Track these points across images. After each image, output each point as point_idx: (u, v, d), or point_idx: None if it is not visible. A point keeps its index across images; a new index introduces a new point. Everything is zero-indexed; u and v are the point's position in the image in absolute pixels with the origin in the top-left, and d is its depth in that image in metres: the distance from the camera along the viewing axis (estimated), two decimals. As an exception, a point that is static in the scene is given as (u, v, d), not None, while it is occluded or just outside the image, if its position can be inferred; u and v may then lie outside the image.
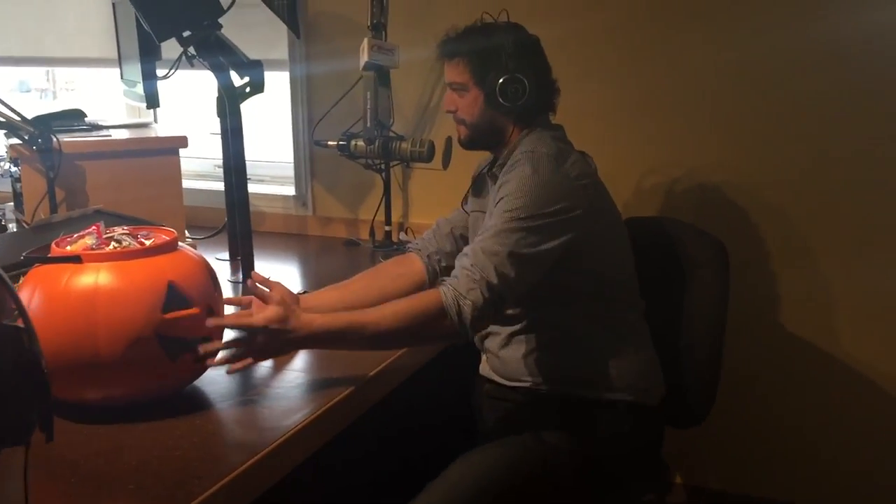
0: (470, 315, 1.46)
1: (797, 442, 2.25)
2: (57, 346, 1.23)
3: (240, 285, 2.14)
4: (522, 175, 1.57)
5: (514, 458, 1.61)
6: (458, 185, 2.01)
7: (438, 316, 1.46)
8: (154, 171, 2.27)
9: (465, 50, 1.69)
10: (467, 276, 1.49)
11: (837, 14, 2.03)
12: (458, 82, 1.71)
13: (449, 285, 1.49)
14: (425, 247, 1.91)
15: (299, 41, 2.58)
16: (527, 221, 1.53)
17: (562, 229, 1.56)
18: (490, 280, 1.48)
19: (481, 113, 1.70)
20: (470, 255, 1.53)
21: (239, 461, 1.19)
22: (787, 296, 2.19)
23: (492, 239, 1.52)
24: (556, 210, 1.55)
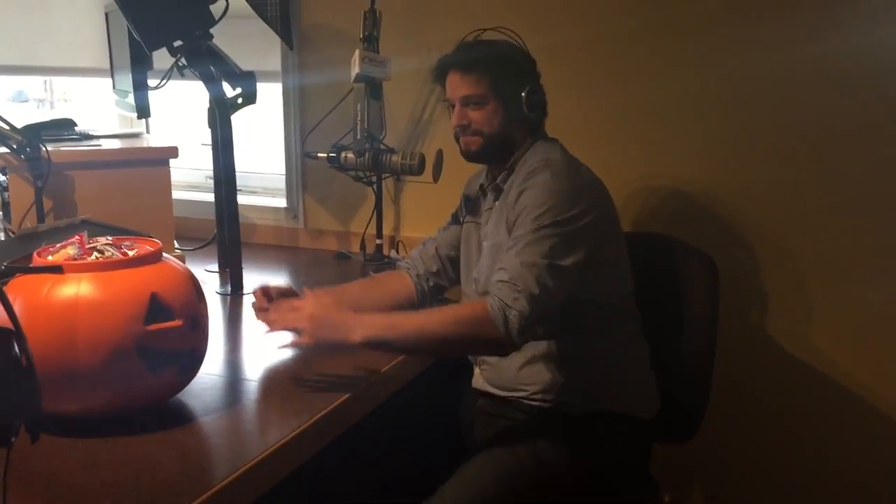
0: (517, 325, 1.47)
1: (787, 460, 2.23)
2: (36, 357, 1.18)
3: (228, 297, 2.12)
4: (544, 181, 1.59)
5: (510, 473, 1.60)
6: (449, 199, 2.00)
7: (484, 325, 1.47)
8: (144, 182, 2.25)
9: (483, 62, 1.69)
10: (510, 287, 1.49)
11: (828, 31, 2.02)
12: (477, 94, 1.68)
13: (495, 296, 1.49)
14: (414, 266, 1.92)
15: (292, 53, 2.57)
16: (557, 227, 1.55)
17: (589, 233, 1.58)
18: (532, 291, 1.49)
19: (501, 124, 1.69)
20: (508, 268, 1.53)
21: (219, 477, 1.16)
22: (777, 310, 2.18)
23: (527, 250, 1.53)
24: (583, 211, 1.57)
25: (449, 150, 2.12)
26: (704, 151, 2.18)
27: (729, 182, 2.17)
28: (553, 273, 1.52)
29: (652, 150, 2.23)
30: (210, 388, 1.50)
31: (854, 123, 2.04)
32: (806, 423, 2.19)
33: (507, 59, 1.70)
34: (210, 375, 1.54)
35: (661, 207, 2.23)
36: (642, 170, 2.23)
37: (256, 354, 1.73)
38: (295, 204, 2.70)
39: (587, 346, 1.69)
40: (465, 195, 1.91)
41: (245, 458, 1.22)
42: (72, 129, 2.35)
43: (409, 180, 2.47)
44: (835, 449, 2.18)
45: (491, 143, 1.71)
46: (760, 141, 2.12)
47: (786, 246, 2.14)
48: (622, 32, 2.21)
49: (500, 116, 1.69)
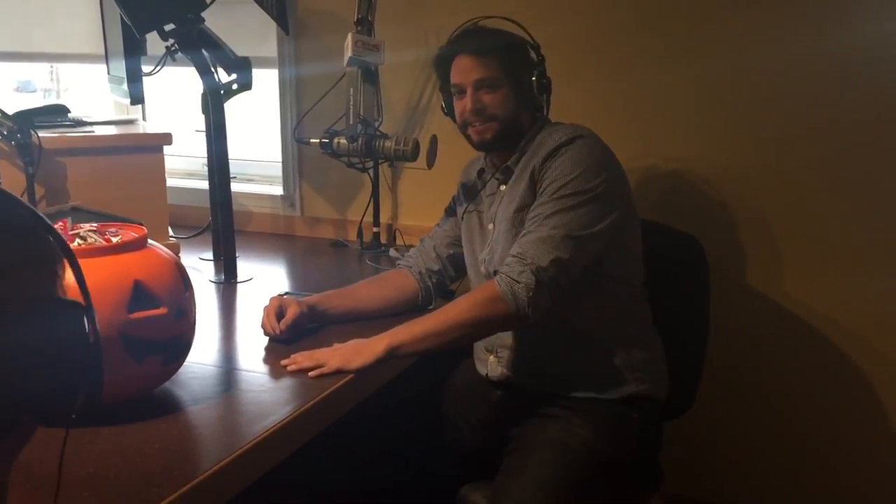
0: (526, 298, 1.50)
1: (779, 442, 2.22)
2: (16, 346, 1.18)
3: (222, 286, 2.10)
4: (573, 153, 1.61)
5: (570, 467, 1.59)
6: (447, 186, 1.98)
7: (496, 304, 1.52)
8: (138, 169, 2.22)
9: (496, 46, 1.70)
10: (518, 261, 1.53)
11: (828, 22, 2.01)
12: (491, 77, 1.68)
13: (502, 273, 1.53)
14: (415, 264, 1.91)
15: (289, 38, 2.54)
16: (579, 197, 1.56)
17: (611, 202, 1.60)
18: (539, 264, 1.51)
19: (514, 108, 1.70)
20: (521, 243, 1.56)
21: (202, 468, 1.14)
22: (768, 295, 2.17)
23: (544, 223, 1.56)
24: (603, 180, 1.59)
25: (444, 136, 2.10)
26: (701, 140, 2.17)
27: (724, 170, 2.16)
28: (569, 244, 1.54)
29: (649, 139, 2.21)
30: (199, 377, 1.47)
31: (850, 113, 2.03)
32: (797, 404, 2.19)
33: (517, 44, 1.73)
34: (199, 365, 1.51)
35: (655, 194, 2.21)
36: (639, 158, 2.21)
37: (248, 344, 1.71)
38: (291, 192, 2.67)
39: (611, 327, 1.69)
40: (463, 183, 1.89)
41: (230, 449, 1.20)
42: (65, 116, 2.32)
43: (406, 167, 2.44)
44: (827, 430, 2.17)
45: (505, 127, 1.71)
46: (756, 130, 2.12)
47: (778, 233, 2.14)
48: (620, 22, 2.20)
49: (513, 101, 1.70)
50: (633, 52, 2.19)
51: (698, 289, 1.87)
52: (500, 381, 1.77)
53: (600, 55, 2.23)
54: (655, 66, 2.17)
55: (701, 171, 2.18)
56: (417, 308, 1.84)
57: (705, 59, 2.13)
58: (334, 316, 1.78)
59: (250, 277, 2.13)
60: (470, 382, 1.85)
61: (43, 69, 3.54)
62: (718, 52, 2.11)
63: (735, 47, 2.09)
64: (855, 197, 2.06)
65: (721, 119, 2.14)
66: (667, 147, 2.20)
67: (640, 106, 2.21)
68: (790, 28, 2.04)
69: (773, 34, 2.06)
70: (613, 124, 2.18)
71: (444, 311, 1.58)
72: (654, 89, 2.18)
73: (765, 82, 2.08)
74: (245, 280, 2.11)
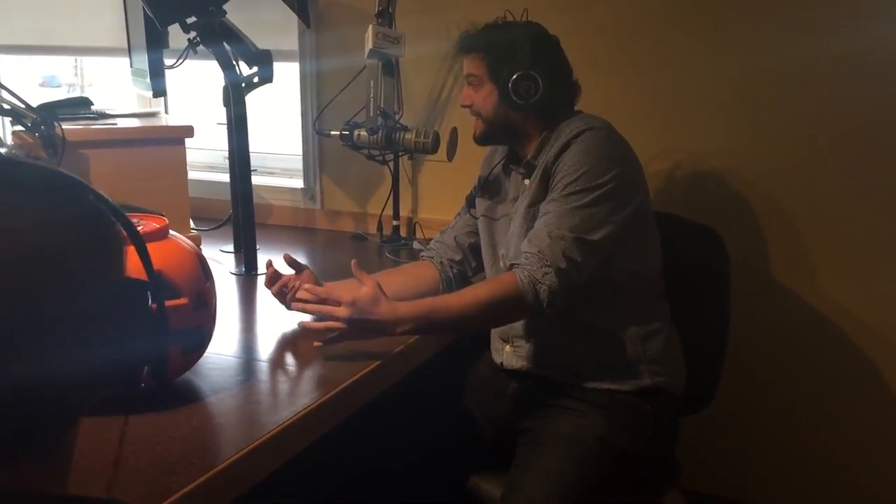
0: (547, 299, 1.50)
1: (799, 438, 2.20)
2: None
3: (242, 278, 2.10)
4: (581, 147, 1.59)
5: (584, 461, 1.58)
6: (468, 179, 1.98)
7: (515, 299, 1.51)
8: (159, 161, 2.23)
9: (483, 44, 1.71)
10: (539, 260, 1.52)
11: (852, 20, 1.99)
12: (475, 75, 1.72)
13: (524, 269, 1.52)
14: (437, 254, 1.91)
15: (309, 31, 2.54)
16: (587, 195, 1.56)
17: (622, 198, 1.58)
18: (559, 266, 1.51)
19: (495, 108, 1.70)
20: (536, 239, 1.55)
21: (221, 457, 1.15)
22: (788, 290, 2.15)
23: (556, 221, 1.55)
24: (614, 176, 1.57)
25: (465, 129, 2.08)
26: (725, 134, 2.15)
27: (748, 164, 2.14)
28: (580, 247, 1.53)
29: (671, 132, 2.19)
30: (219, 367, 1.48)
31: (878, 109, 2.01)
32: (817, 401, 2.16)
33: (507, 43, 1.68)
34: (220, 355, 1.52)
35: (676, 187, 2.20)
36: (661, 150, 2.19)
37: (269, 335, 1.72)
38: (312, 185, 2.67)
39: (630, 320, 1.68)
40: (482, 177, 1.88)
41: (249, 439, 1.20)
42: (88, 108, 2.33)
43: (426, 160, 2.43)
44: (847, 428, 2.14)
45: (490, 127, 1.74)
46: (782, 125, 2.10)
47: (801, 228, 2.12)
48: (645, 15, 2.18)
49: (495, 100, 1.70)
50: (658, 45, 2.17)
51: (719, 282, 1.85)
52: (515, 372, 1.76)
53: (624, 47, 2.21)
54: (680, 59, 2.16)
55: (724, 165, 2.16)
56: None
57: (729, 52, 2.11)
58: None
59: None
60: (488, 375, 1.85)
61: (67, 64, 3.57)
62: (744, 46, 2.09)
63: (762, 41, 2.07)
64: (882, 193, 2.03)
65: (745, 113, 2.12)
66: (689, 140, 2.18)
67: (663, 98, 2.19)
68: (820, 22, 2.01)
69: (802, 28, 2.03)
70: (636, 116, 2.18)
71: (460, 296, 1.57)
72: (678, 82, 2.16)
73: (792, 76, 2.06)
74: (265, 272, 2.11)
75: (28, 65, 3.48)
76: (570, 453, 1.58)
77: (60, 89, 3.84)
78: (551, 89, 1.67)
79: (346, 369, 1.47)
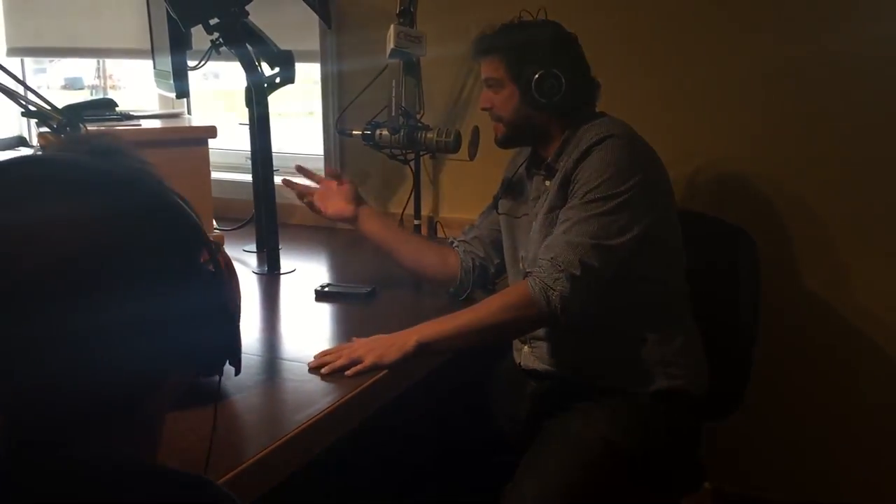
0: (559, 305, 1.49)
1: (829, 443, 2.17)
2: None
3: (265, 277, 2.12)
4: (601, 155, 1.58)
5: (584, 462, 1.56)
6: (490, 179, 1.97)
7: (528, 307, 1.51)
8: (182, 161, 2.24)
9: (501, 46, 1.69)
10: (552, 267, 1.50)
11: (878, 16, 1.96)
12: (494, 78, 1.69)
13: (536, 277, 1.51)
14: (463, 248, 1.91)
15: (331, 32, 2.54)
16: (609, 202, 1.54)
17: (645, 208, 1.56)
18: (573, 272, 1.49)
19: (517, 109, 1.68)
20: (553, 245, 1.54)
21: (246, 455, 1.15)
22: (816, 294, 2.13)
23: (574, 228, 1.54)
24: (635, 183, 1.55)
25: (487, 128, 2.08)
26: (755, 133, 2.13)
27: (782, 164, 2.12)
28: (598, 253, 1.51)
29: (696, 131, 2.18)
30: (242, 366, 1.48)
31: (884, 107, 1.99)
32: (848, 405, 2.14)
33: (526, 43, 1.67)
34: (243, 354, 1.51)
35: (703, 187, 2.18)
36: (690, 149, 2.18)
37: (292, 333, 1.73)
38: (334, 185, 2.67)
39: (646, 323, 1.66)
40: (507, 177, 1.88)
41: (274, 437, 1.21)
42: (112, 110, 2.35)
43: (449, 159, 2.43)
44: (879, 429, 2.11)
45: (511, 129, 1.72)
46: (814, 125, 2.07)
47: (835, 232, 2.09)
48: (667, 13, 2.17)
49: (517, 101, 1.68)
50: (680, 44, 2.16)
51: (748, 284, 1.83)
52: (532, 372, 1.76)
53: (642, 48, 2.20)
54: (705, 57, 2.14)
55: (757, 165, 2.13)
56: (448, 290, 1.87)
57: (751, 51, 2.09)
58: (370, 231, 1.92)
59: (293, 269, 2.15)
60: (509, 375, 1.85)
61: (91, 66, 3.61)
62: (769, 41, 2.07)
63: (787, 36, 2.05)
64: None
65: (774, 111, 2.09)
66: (720, 140, 2.16)
67: (690, 98, 2.17)
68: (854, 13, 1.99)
69: (825, 24, 2.01)
70: (662, 116, 2.17)
71: (474, 309, 1.59)
72: (707, 80, 2.15)
73: (820, 71, 2.04)
74: (288, 272, 2.13)
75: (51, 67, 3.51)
76: (572, 454, 1.57)
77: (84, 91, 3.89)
78: (573, 88, 1.65)
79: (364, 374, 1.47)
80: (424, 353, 1.52)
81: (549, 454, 1.58)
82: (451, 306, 1.82)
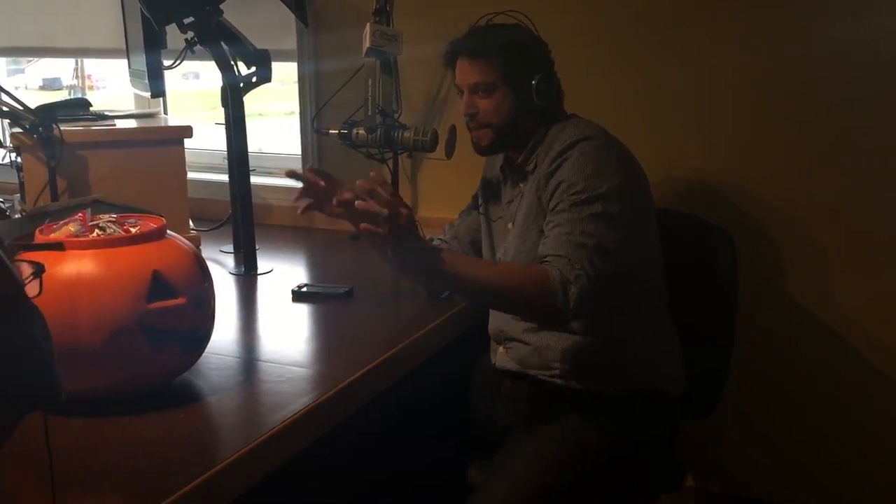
0: (574, 301, 1.45)
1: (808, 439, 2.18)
2: (36, 336, 1.19)
3: (242, 278, 2.10)
4: (579, 156, 1.55)
5: (555, 461, 1.57)
6: (467, 178, 1.96)
7: (542, 292, 1.45)
8: (158, 162, 2.23)
9: (493, 48, 1.64)
10: (568, 264, 1.47)
11: (858, 15, 1.97)
12: (486, 82, 1.64)
13: (556, 268, 1.47)
14: (442, 245, 1.88)
15: (307, 31, 2.53)
16: (596, 204, 1.51)
17: (629, 208, 1.55)
18: (588, 273, 1.47)
19: (509, 113, 1.65)
20: (557, 245, 1.50)
21: (221, 457, 1.14)
22: (796, 293, 2.13)
23: (574, 229, 1.50)
24: (620, 185, 1.54)
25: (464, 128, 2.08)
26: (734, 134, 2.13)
27: (760, 164, 2.12)
28: (600, 254, 1.49)
29: (670, 130, 2.18)
30: (218, 368, 1.47)
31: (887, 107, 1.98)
32: (827, 400, 2.14)
33: (517, 45, 1.65)
34: (219, 356, 1.52)
35: (683, 185, 2.18)
36: (658, 148, 2.15)
37: (268, 335, 1.72)
38: (311, 184, 2.66)
39: (622, 323, 1.65)
40: (485, 178, 1.87)
41: (249, 439, 1.20)
42: (86, 110, 2.33)
43: (427, 158, 2.42)
44: (856, 427, 2.12)
45: (500, 135, 1.67)
46: (786, 121, 2.07)
47: (814, 231, 2.09)
48: (645, 13, 2.16)
49: (510, 105, 1.64)
50: (649, 46, 2.16)
51: (726, 282, 1.82)
52: (507, 372, 1.75)
53: (616, 48, 2.20)
54: (683, 56, 2.14)
55: (736, 165, 2.13)
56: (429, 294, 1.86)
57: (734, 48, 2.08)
58: None
59: (270, 269, 2.14)
60: (485, 376, 1.84)
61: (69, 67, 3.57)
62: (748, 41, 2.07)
63: (760, 38, 2.05)
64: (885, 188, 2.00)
65: (753, 110, 2.09)
66: (698, 138, 2.16)
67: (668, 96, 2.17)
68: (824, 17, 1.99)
69: (812, 18, 2.00)
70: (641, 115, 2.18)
71: (495, 268, 1.60)
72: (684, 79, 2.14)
73: (800, 71, 2.03)
74: (265, 272, 2.12)
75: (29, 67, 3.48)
76: (543, 454, 1.56)
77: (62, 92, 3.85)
78: (555, 89, 1.67)
79: (346, 368, 1.46)
80: (431, 278, 1.56)
81: (520, 455, 1.58)
82: (429, 307, 1.82)
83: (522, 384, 1.72)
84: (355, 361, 1.49)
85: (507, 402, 1.74)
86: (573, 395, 1.64)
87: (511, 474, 1.55)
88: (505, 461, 1.58)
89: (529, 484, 1.53)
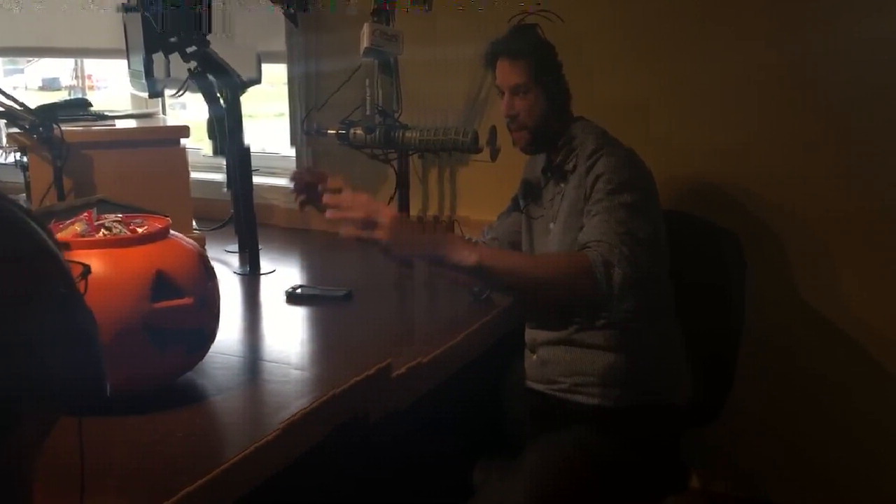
0: (620, 281, 1.44)
1: (815, 441, 2.17)
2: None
3: (246, 277, 2.10)
4: (608, 159, 1.60)
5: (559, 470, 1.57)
6: (506, 180, 1.95)
7: (585, 276, 1.45)
8: (159, 162, 2.22)
9: (526, 49, 1.68)
10: (608, 246, 1.47)
11: (885, 10, 1.95)
12: (523, 83, 1.67)
13: (596, 251, 1.47)
14: None
15: (298, 30, 2.51)
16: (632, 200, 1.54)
17: (655, 208, 1.61)
18: (629, 258, 1.47)
19: (543, 114, 1.69)
20: (597, 232, 1.51)
21: (225, 457, 1.14)
22: (804, 296, 2.12)
23: (611, 219, 1.52)
24: (645, 187, 1.60)
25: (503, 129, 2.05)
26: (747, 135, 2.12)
27: (771, 166, 2.11)
28: (635, 242, 1.50)
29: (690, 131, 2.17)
30: (223, 367, 1.48)
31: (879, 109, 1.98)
32: (833, 402, 2.14)
33: (545, 46, 1.70)
34: (223, 355, 1.52)
35: (691, 187, 2.17)
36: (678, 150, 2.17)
37: (273, 334, 1.72)
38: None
39: (635, 334, 1.64)
40: (526, 179, 1.88)
41: (253, 438, 1.20)
42: (86, 110, 2.33)
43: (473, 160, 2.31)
44: (861, 428, 2.11)
45: (536, 136, 1.71)
46: (807, 126, 2.06)
47: (822, 236, 2.09)
48: (668, 11, 2.16)
49: (542, 106, 1.68)
50: (675, 42, 2.15)
51: (734, 288, 1.82)
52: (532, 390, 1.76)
53: (641, 44, 2.19)
54: (697, 55, 2.13)
55: (746, 167, 2.12)
56: (472, 289, 1.86)
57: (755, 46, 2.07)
58: None
59: (273, 270, 2.14)
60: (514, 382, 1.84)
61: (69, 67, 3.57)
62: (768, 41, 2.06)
63: (786, 35, 2.03)
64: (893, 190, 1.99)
65: (765, 112, 2.09)
66: (709, 140, 2.15)
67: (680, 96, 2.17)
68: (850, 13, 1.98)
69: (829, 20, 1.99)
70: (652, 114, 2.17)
71: (535, 258, 1.63)
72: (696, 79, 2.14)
73: (815, 71, 2.03)
74: (268, 272, 2.12)
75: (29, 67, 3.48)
76: (548, 462, 1.57)
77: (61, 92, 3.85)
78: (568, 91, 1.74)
79: (350, 368, 1.46)
80: (480, 274, 1.50)
81: (526, 462, 1.58)
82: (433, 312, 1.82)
83: (540, 396, 1.72)
84: (356, 364, 1.48)
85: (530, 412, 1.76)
86: (578, 406, 1.65)
87: (511, 481, 1.56)
88: (513, 472, 1.59)
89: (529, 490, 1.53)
